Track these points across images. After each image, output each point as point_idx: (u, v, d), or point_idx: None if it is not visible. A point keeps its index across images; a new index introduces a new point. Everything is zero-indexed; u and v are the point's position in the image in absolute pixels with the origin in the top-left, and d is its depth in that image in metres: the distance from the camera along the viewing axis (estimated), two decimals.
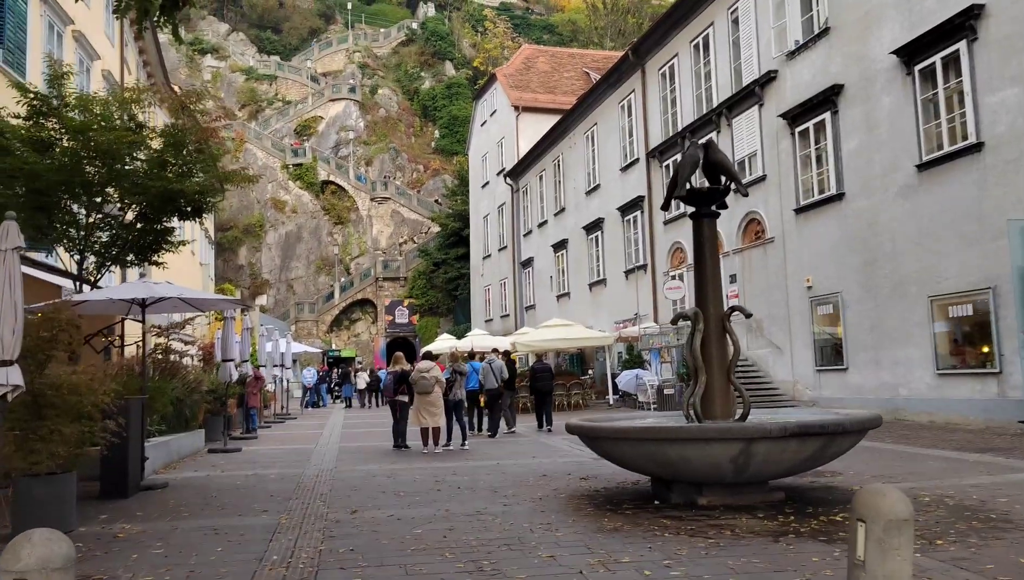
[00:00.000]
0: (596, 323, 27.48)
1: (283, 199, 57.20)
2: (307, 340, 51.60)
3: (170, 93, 34.56)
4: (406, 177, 59.46)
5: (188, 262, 32.43)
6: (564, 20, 72.30)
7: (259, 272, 56.30)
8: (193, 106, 12.47)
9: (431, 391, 12.33)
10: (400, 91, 65.22)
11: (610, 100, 27.81)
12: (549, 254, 33.41)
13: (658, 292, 24.14)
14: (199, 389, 13.25)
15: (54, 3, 19.20)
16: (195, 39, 65.17)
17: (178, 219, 11.90)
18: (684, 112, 22.84)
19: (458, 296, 48.47)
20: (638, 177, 25.75)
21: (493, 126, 40.68)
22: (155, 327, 16.51)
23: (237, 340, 14.44)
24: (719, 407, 7.78)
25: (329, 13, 72.69)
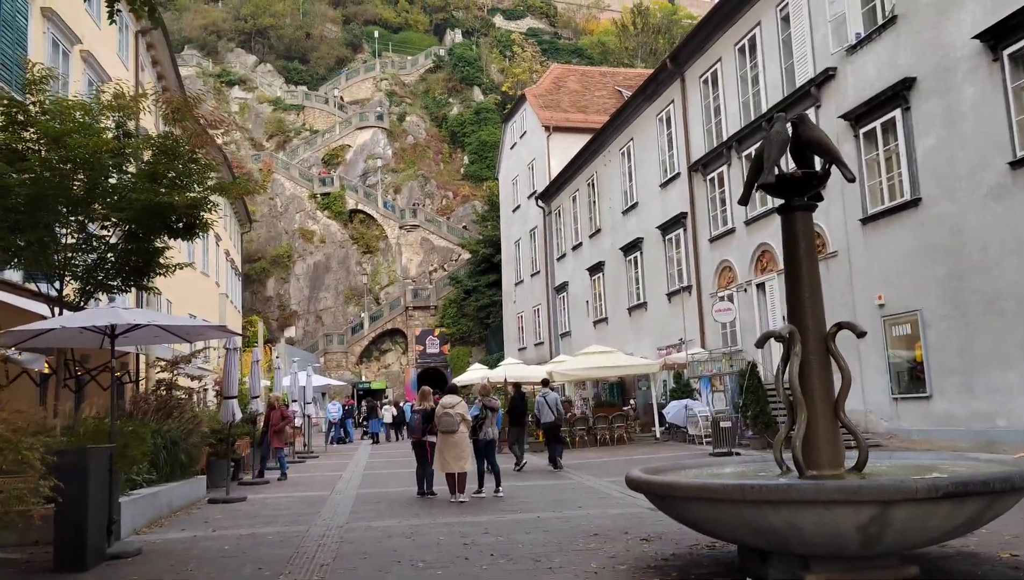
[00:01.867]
0: (637, 349, 25.66)
1: (311, 229, 56.33)
2: (336, 372, 50.29)
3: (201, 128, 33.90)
4: (435, 204, 58.33)
5: (204, 290, 31.28)
6: (593, 43, 71.27)
7: (287, 303, 55.30)
8: (187, 112, 11.08)
9: (456, 430, 10.66)
10: (428, 118, 64.39)
11: (647, 113, 26.23)
12: (584, 278, 31.72)
13: (705, 315, 22.32)
14: (198, 430, 11.75)
15: (59, 21, 18.14)
16: (223, 71, 65.10)
17: (169, 237, 10.46)
18: (730, 120, 21.16)
19: (490, 324, 46.89)
20: (679, 193, 24.05)
21: (523, 148, 39.31)
22: (161, 361, 15.15)
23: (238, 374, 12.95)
24: (826, 453, 6.02)
25: (356, 42, 72.39)
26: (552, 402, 16.17)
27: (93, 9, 20.84)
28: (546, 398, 16.29)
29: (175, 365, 14.48)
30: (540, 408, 16.25)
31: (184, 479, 11.26)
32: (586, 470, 14.73)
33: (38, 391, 16.45)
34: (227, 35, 69.07)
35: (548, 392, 16.67)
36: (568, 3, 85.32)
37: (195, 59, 64.76)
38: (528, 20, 79.63)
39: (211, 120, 14.70)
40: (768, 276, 19.47)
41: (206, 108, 55.60)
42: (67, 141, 9.39)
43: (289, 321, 55.01)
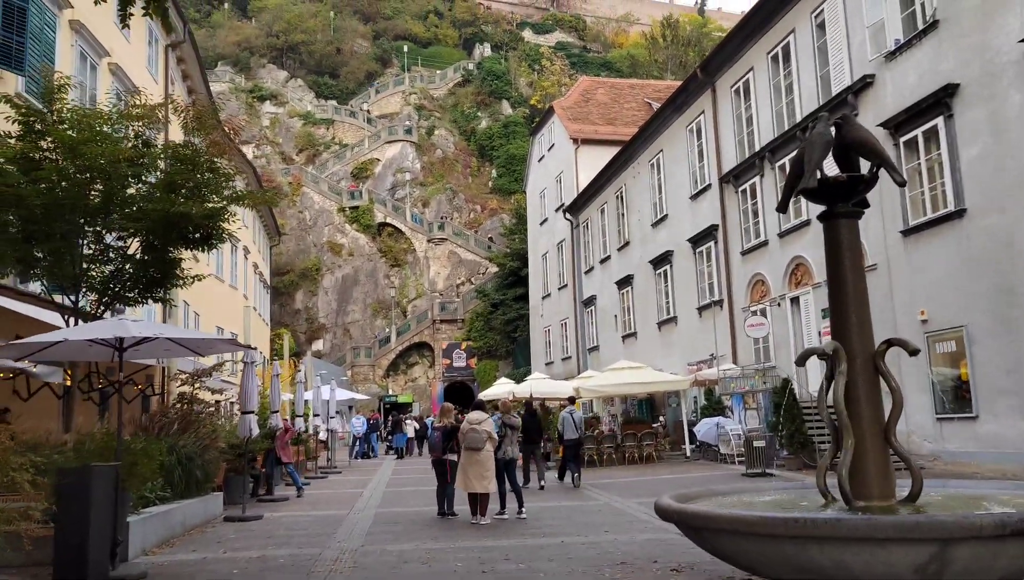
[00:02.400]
0: (666, 365, 25.07)
1: (340, 242, 56.44)
2: (363, 386, 50.14)
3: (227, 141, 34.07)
4: (463, 217, 58.18)
5: (232, 302, 31.28)
6: (622, 56, 70.98)
7: (315, 316, 55.35)
8: (208, 120, 10.86)
9: (481, 448, 10.23)
10: (457, 131, 64.41)
11: (677, 124, 25.76)
12: (613, 292, 31.21)
13: (737, 330, 21.71)
14: (214, 445, 11.46)
15: (88, 34, 18.18)
16: (255, 86, 65.72)
17: (185, 248, 10.22)
18: (762, 130, 20.63)
19: (517, 338, 46.47)
20: (710, 205, 23.51)
21: (551, 161, 38.98)
22: (181, 374, 14.93)
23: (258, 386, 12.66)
24: (875, 483, 5.52)
25: (386, 57, 72.77)
26: (578, 420, 16.42)
27: (120, 23, 20.90)
28: (572, 415, 16.48)
29: (196, 378, 14.27)
30: (565, 425, 16.28)
31: (200, 496, 10.97)
32: (613, 490, 14.23)
33: (60, 404, 16.40)
34: (259, 51, 69.78)
35: (574, 409, 16.98)
36: (597, 17, 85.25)
37: (228, 75, 65.47)
38: (557, 34, 79.61)
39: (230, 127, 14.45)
40: (803, 290, 18.86)
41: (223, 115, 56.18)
42: (83, 150, 9.19)
43: (317, 334, 55.04)
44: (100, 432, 9.04)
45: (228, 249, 34.56)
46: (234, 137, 11.08)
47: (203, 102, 29.04)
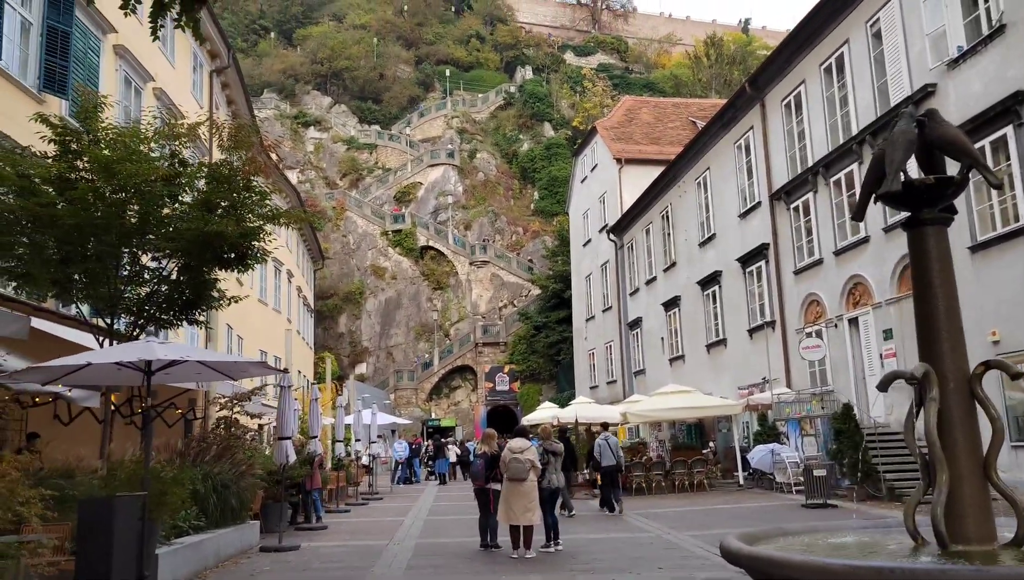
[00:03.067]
0: (716, 389, 24.26)
1: (383, 266, 56.57)
2: (406, 409, 49.90)
3: (266, 160, 34.27)
4: (505, 240, 57.94)
5: (276, 326, 31.26)
6: (665, 76, 70.46)
7: (359, 340, 55.40)
8: (246, 138, 10.62)
9: (525, 478, 9.68)
10: (498, 154, 64.39)
11: (724, 141, 25.10)
12: (659, 313, 30.47)
13: (791, 352, 20.86)
14: (251, 472, 11.11)
15: (132, 59, 18.30)
16: (299, 113, 66.61)
17: (219, 268, 9.94)
18: (815, 145, 19.89)
19: (561, 361, 45.82)
20: (761, 223, 22.76)
21: (594, 181, 38.50)
22: (221, 397, 14.69)
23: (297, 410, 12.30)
24: (974, 524, 4.85)
25: (428, 81, 73.29)
26: (614, 446, 16.25)
27: (167, 48, 21.10)
28: (608, 441, 16.33)
29: (234, 402, 14.00)
30: (601, 451, 16.03)
31: (235, 525, 10.59)
32: (664, 521, 13.53)
33: (102, 429, 16.27)
34: (304, 78, 70.82)
35: (609, 435, 16.84)
36: (639, 38, 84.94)
37: (273, 102, 66.51)
38: (599, 56, 79.46)
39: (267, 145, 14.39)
40: (861, 310, 17.99)
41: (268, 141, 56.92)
42: (117, 169, 8.98)
43: (360, 358, 55.06)
44: (132, 459, 8.71)
45: (271, 272, 34.72)
46: (272, 153, 10.78)
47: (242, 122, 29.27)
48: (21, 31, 14.15)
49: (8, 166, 9.28)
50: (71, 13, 15.16)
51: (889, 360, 16.88)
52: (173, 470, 8.59)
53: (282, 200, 28.88)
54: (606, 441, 16.27)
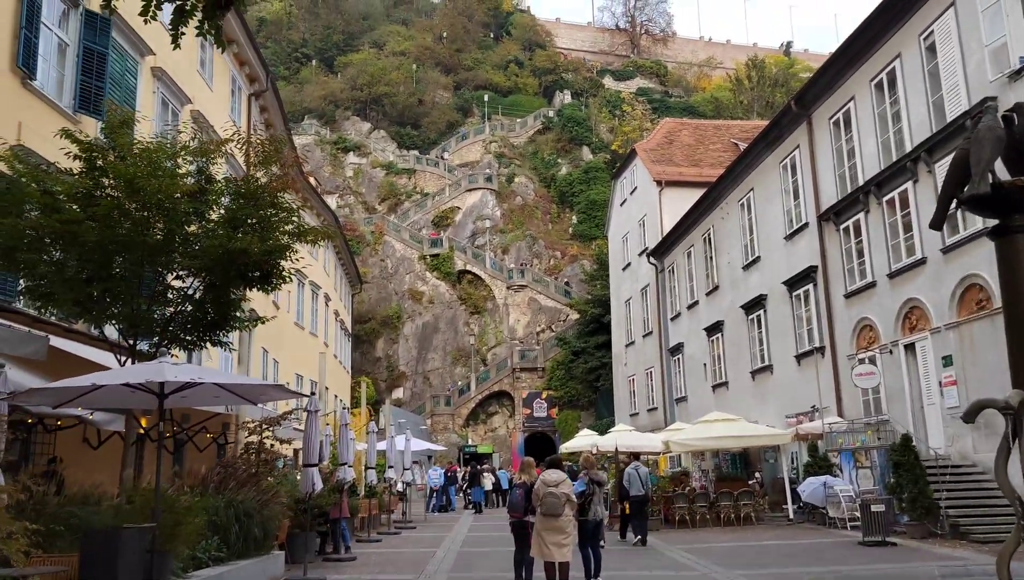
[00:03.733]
0: (761, 417, 23.32)
1: (420, 290, 56.42)
2: (443, 435, 49.39)
3: (305, 184, 34.28)
4: (543, 264, 57.45)
5: (313, 349, 31.05)
6: (706, 99, 69.77)
7: (396, 364, 55.17)
8: (274, 153, 10.29)
9: (560, 513, 9.06)
10: (537, 178, 64.14)
11: (769, 161, 24.38)
12: (701, 338, 29.62)
13: (842, 379, 19.94)
14: (275, 500, 10.65)
15: (169, 80, 18.29)
16: (339, 138, 67.20)
17: (245, 287, 9.57)
18: (866, 163, 19.10)
19: (600, 387, 44.97)
20: (808, 245, 21.94)
21: (633, 204, 37.88)
22: (250, 422, 14.33)
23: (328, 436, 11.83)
24: None
25: (466, 106, 73.53)
26: (644, 476, 16.25)
27: (205, 71, 21.12)
28: (638, 471, 16.34)
29: (263, 427, 13.63)
30: (631, 481, 15.96)
31: (258, 556, 10.12)
32: (711, 557, 12.74)
33: (123, 453, 16.00)
34: (344, 104, 71.54)
35: (639, 465, 16.87)
36: (679, 62, 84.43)
37: (314, 128, 67.23)
38: (638, 80, 79.06)
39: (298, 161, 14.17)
40: (918, 335, 17.07)
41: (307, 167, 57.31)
42: (141, 185, 8.69)
43: (397, 382, 54.78)
44: (149, 486, 8.29)
45: (309, 295, 34.63)
46: (306, 174, 10.44)
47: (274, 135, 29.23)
48: (58, 52, 14.13)
49: (33, 182, 9.05)
50: (108, 34, 15.13)
51: (949, 388, 15.93)
52: (192, 498, 8.15)
53: (313, 217, 28.69)
54: (636, 471, 16.36)
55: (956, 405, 15.66)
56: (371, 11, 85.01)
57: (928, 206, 16.69)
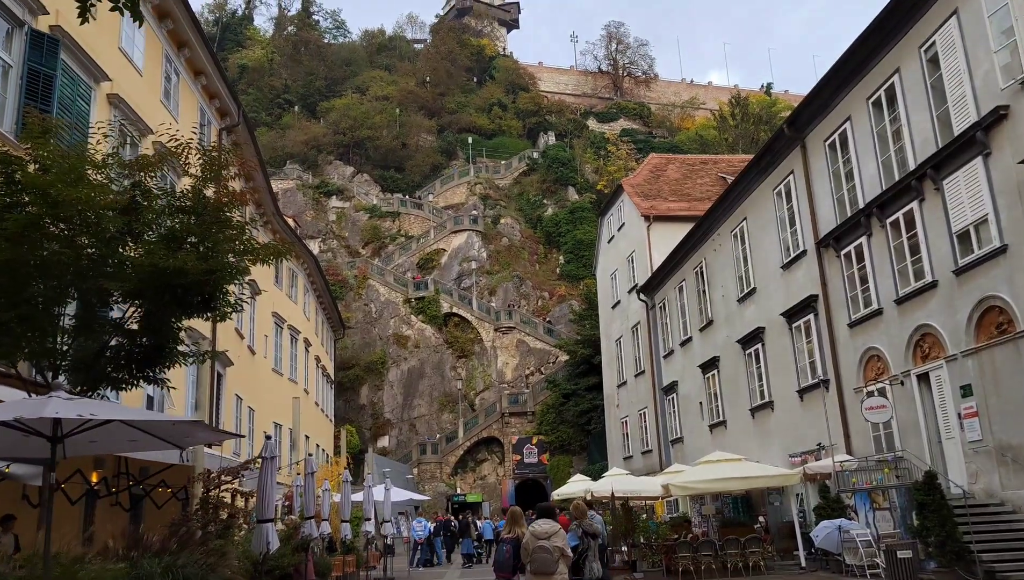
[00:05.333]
0: (763, 457, 21.98)
1: (405, 334, 55.03)
2: (430, 484, 47.58)
3: (281, 224, 33.06)
4: (531, 305, 56.28)
5: (289, 396, 29.54)
6: (690, 138, 69.61)
7: (381, 411, 53.46)
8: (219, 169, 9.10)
9: (553, 571, 7.71)
10: (523, 219, 63.34)
11: (762, 188, 23.45)
12: (696, 376, 28.37)
13: (849, 414, 18.72)
14: (224, 563, 9.22)
15: (128, 108, 17.17)
16: (321, 182, 66.32)
17: (183, 315, 8.30)
18: (866, 185, 18.15)
19: (591, 431, 43.49)
20: (806, 273, 20.90)
21: (621, 241, 36.91)
22: (204, 472, 12.94)
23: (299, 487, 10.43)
24: None
25: (450, 149, 73.05)
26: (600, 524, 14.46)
27: (170, 102, 20.04)
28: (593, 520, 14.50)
29: (218, 479, 12.25)
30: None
31: None
32: None
33: (82, 511, 14.44)
34: (326, 148, 70.88)
35: (594, 514, 14.90)
36: (661, 104, 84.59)
37: (296, 172, 66.36)
38: (621, 121, 79.03)
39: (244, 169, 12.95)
40: (932, 364, 15.90)
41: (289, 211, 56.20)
42: (56, 195, 7.48)
43: (382, 430, 53.04)
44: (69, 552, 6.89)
45: (287, 340, 33.23)
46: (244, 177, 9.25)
47: (260, 185, 28.08)
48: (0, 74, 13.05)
49: None
50: (56, 55, 14.06)
51: (970, 420, 14.73)
52: (113, 565, 6.77)
53: (268, 234, 27.23)
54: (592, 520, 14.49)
55: (979, 438, 14.47)
56: (354, 57, 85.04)
57: (937, 225, 15.70)
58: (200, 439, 7.55)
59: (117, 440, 6.63)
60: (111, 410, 6.04)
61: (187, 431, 6.70)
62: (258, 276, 28.78)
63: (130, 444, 7.04)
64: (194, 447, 12.96)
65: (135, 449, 7.66)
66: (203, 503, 12.25)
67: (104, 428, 6.03)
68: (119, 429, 6.08)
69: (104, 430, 5.99)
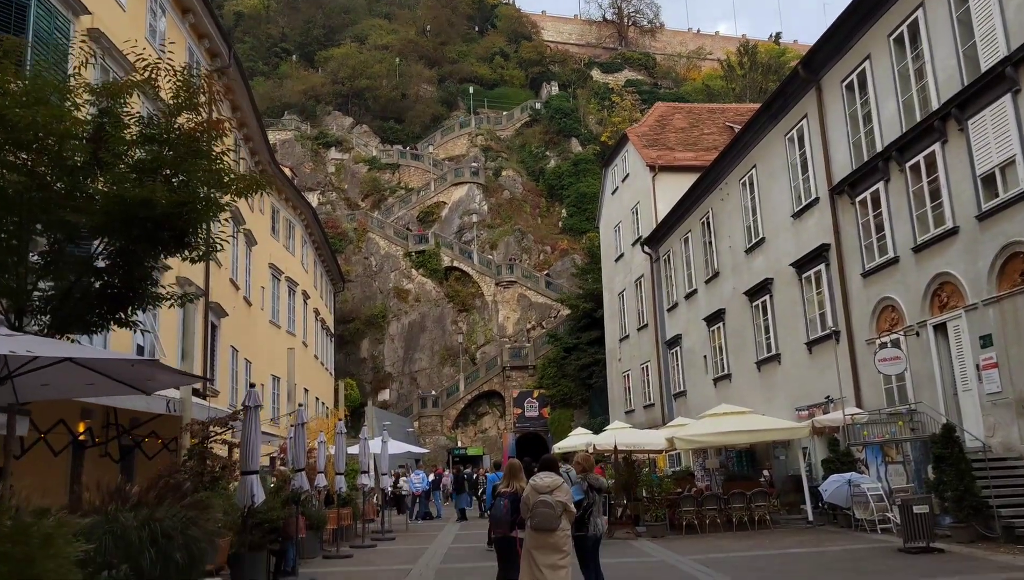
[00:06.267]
0: (769, 410, 21.47)
1: (406, 288, 54.47)
2: (431, 437, 47.47)
3: (277, 172, 32.21)
4: (533, 259, 55.57)
5: (285, 347, 29.02)
6: (697, 88, 68.13)
7: (382, 365, 53.17)
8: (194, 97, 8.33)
9: (555, 527, 7.18)
10: (524, 172, 62.27)
11: (773, 134, 22.59)
12: (701, 329, 27.81)
13: (860, 366, 18.15)
14: (206, 516, 8.69)
15: (109, 44, 16.29)
16: (320, 133, 65.14)
17: (157, 252, 7.64)
18: (885, 127, 17.31)
19: (593, 385, 43.12)
20: (819, 222, 20.17)
21: (626, 192, 36.07)
22: (192, 423, 12.42)
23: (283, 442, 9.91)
24: None
25: (451, 100, 71.62)
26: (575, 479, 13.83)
27: (155, 40, 19.10)
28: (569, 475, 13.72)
29: (206, 429, 11.74)
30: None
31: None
32: (732, 570, 10.87)
33: (69, 462, 13.93)
34: (325, 99, 69.52)
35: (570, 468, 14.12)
36: (667, 54, 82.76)
37: (294, 123, 65.16)
38: (626, 72, 77.32)
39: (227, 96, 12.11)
40: (950, 314, 15.28)
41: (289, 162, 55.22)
42: (9, 117, 6.78)
43: (383, 384, 52.80)
44: None
45: (285, 292, 32.63)
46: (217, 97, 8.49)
47: (252, 129, 27.16)
48: None
49: None
50: None
51: (989, 371, 14.15)
52: (72, 519, 6.20)
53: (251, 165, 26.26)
54: (567, 474, 14.03)
55: (998, 390, 13.90)
56: (352, 4, 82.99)
57: (960, 168, 14.94)
58: (164, 382, 6.94)
59: (72, 383, 6.01)
60: (56, 347, 5.41)
61: (148, 373, 6.10)
62: (254, 226, 28.08)
63: (88, 388, 6.42)
64: (182, 397, 12.46)
65: (93, 393, 7.05)
66: (190, 454, 11.75)
67: (57, 370, 5.43)
68: (73, 371, 5.48)
69: (57, 372, 5.40)
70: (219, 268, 22.90)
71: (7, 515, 5.26)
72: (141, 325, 7.91)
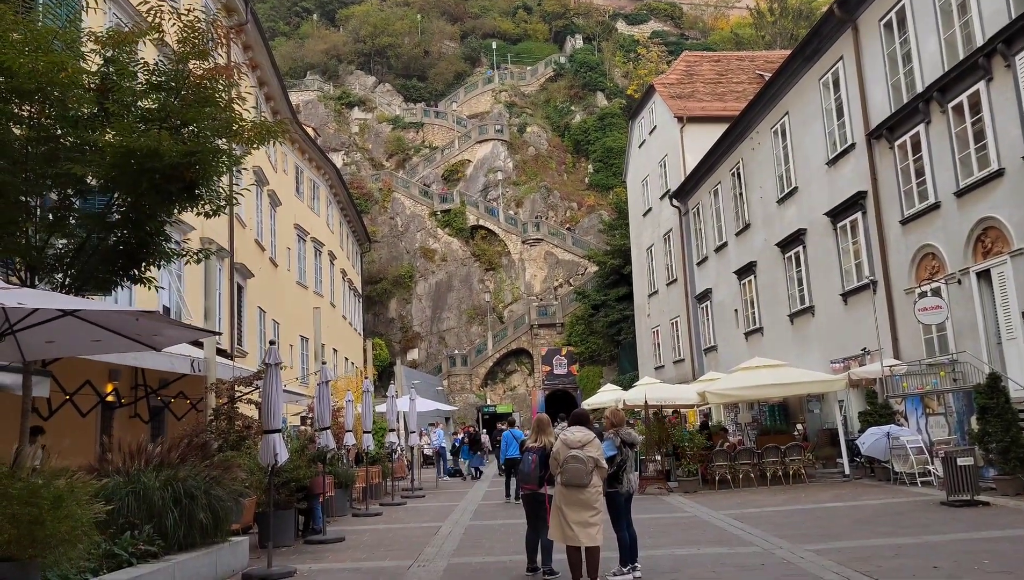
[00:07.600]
0: (802, 363, 20.96)
1: (432, 248, 54.30)
2: (460, 395, 47.62)
3: (300, 132, 31.89)
4: (559, 216, 55.00)
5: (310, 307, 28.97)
6: (724, 38, 66.28)
7: (410, 325, 53.31)
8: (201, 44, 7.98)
9: (587, 483, 6.92)
10: (550, 127, 61.35)
11: (806, 79, 21.76)
12: (732, 283, 27.27)
13: (898, 316, 17.59)
14: (230, 476, 8.57)
15: (124, 2, 16.05)
16: (343, 93, 64.62)
17: (166, 206, 7.38)
18: (926, 67, 16.51)
19: (622, 341, 42.82)
20: (855, 168, 19.46)
21: (653, 145, 35.29)
22: (217, 383, 12.32)
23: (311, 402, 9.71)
24: None
25: (474, 56, 70.55)
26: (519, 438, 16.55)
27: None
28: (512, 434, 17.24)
29: (231, 388, 11.62)
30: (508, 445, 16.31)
31: (206, 547, 8.07)
32: (766, 525, 10.60)
33: (97, 422, 13.96)
34: (347, 58, 68.83)
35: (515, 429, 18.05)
36: (694, 3, 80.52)
37: (316, 83, 64.65)
38: (652, 24, 75.39)
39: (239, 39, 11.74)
40: (995, 260, 14.65)
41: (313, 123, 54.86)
42: (9, 64, 6.49)
43: (412, 343, 52.99)
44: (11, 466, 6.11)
45: (311, 253, 32.54)
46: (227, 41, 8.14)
47: (272, 83, 26.74)
48: None
49: None
50: None
51: None
52: (86, 480, 6.05)
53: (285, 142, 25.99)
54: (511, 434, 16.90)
55: None
56: None
57: (1006, 107, 14.20)
58: (172, 337, 6.70)
59: (78, 340, 5.79)
60: (53, 300, 5.16)
61: (153, 328, 5.87)
62: (277, 187, 27.89)
63: (95, 345, 6.20)
64: (206, 356, 12.34)
65: (101, 350, 6.85)
66: (216, 414, 11.66)
67: (60, 326, 5.20)
68: (77, 327, 5.26)
69: (61, 328, 5.18)
70: (243, 229, 22.77)
71: (17, 477, 5.09)
72: (156, 282, 7.68)
